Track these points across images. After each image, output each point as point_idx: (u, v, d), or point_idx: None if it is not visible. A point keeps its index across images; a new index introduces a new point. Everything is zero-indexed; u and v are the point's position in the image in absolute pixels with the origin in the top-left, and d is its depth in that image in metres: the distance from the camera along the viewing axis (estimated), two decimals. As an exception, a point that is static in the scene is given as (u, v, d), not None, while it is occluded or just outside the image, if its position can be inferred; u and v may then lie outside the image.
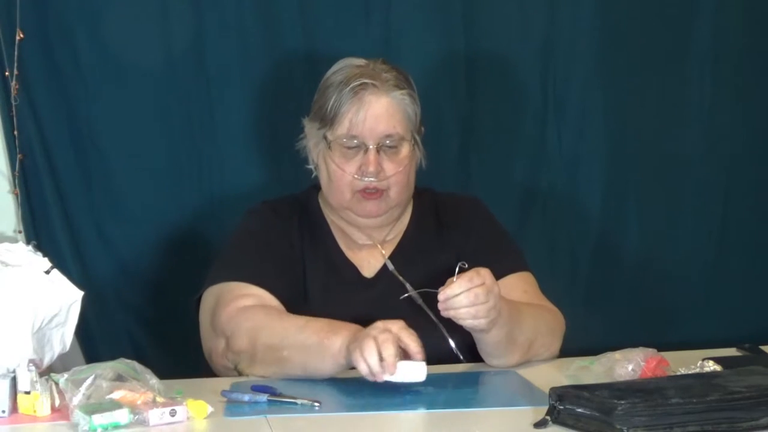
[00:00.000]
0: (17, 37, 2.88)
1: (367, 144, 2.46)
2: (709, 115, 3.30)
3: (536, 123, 3.23)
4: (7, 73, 2.89)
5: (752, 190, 3.35)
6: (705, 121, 3.30)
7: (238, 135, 3.06)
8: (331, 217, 2.59)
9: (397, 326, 2.19)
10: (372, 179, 2.47)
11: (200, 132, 3.05)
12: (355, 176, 2.47)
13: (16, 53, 2.88)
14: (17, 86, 2.90)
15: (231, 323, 2.39)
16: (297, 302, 2.45)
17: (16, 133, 2.91)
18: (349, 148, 2.47)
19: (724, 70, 3.29)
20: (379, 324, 2.19)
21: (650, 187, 3.29)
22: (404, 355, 2.19)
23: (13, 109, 2.90)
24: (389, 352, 2.14)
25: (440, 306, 2.22)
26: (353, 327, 2.26)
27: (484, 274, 2.23)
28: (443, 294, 2.21)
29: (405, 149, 2.49)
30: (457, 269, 2.23)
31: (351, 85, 2.46)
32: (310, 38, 3.07)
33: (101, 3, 2.97)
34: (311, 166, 2.57)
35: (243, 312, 2.39)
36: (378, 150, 2.46)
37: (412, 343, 2.17)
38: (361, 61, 2.52)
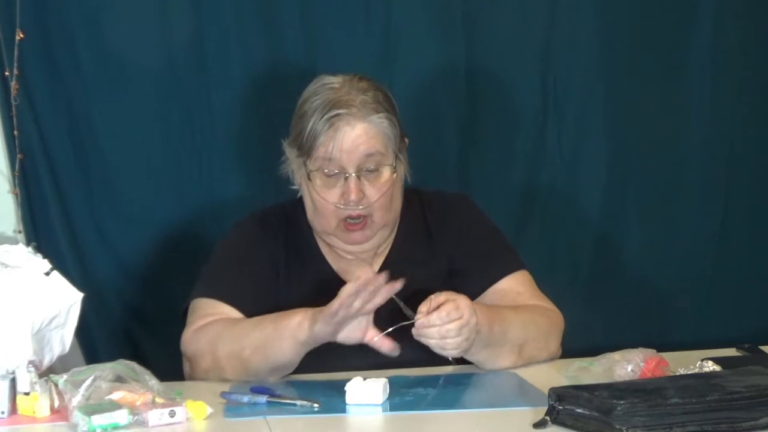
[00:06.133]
0: (17, 37, 2.88)
1: (347, 171, 2.42)
2: (709, 115, 3.30)
3: (536, 123, 3.23)
4: (7, 73, 2.89)
5: (752, 190, 3.35)
6: (705, 121, 3.30)
7: (238, 135, 3.06)
8: (319, 232, 2.57)
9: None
10: (354, 207, 2.44)
11: (200, 132, 3.05)
12: (338, 205, 2.44)
13: (16, 53, 2.89)
14: (17, 86, 2.90)
15: (191, 345, 2.41)
16: None
17: (16, 133, 2.92)
18: (329, 176, 2.44)
19: (724, 70, 3.29)
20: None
21: (650, 187, 3.29)
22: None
23: (13, 109, 2.90)
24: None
25: (413, 332, 2.24)
26: (306, 309, 2.29)
27: (463, 307, 2.23)
28: (419, 323, 2.23)
29: (386, 173, 2.45)
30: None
31: (326, 116, 2.40)
32: (310, 43, 3.06)
33: (101, 3, 2.97)
34: (296, 187, 2.54)
35: (198, 331, 2.41)
36: (359, 176, 2.42)
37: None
38: (337, 81, 2.45)
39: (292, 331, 2.27)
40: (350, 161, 2.41)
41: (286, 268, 2.53)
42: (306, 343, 2.28)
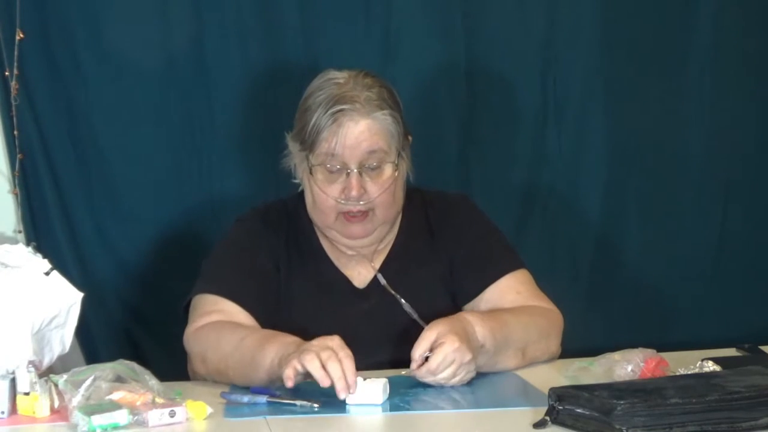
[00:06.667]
0: (17, 37, 2.88)
1: (349, 166, 2.41)
2: (709, 116, 3.29)
3: (536, 124, 3.22)
4: (7, 73, 2.90)
5: (752, 191, 3.35)
6: (705, 122, 3.29)
7: (238, 135, 3.06)
8: (319, 227, 2.56)
9: (336, 343, 2.16)
10: (355, 203, 2.43)
11: (200, 132, 3.05)
12: (339, 200, 2.43)
13: (16, 53, 2.89)
14: (17, 86, 2.90)
15: (189, 344, 2.42)
16: (278, 318, 2.43)
17: (16, 133, 2.92)
18: (332, 171, 2.43)
19: (724, 70, 3.29)
20: (316, 341, 2.17)
21: (650, 187, 3.29)
22: None
23: (13, 109, 2.90)
24: (337, 373, 2.11)
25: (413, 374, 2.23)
26: (285, 339, 2.26)
27: (450, 353, 2.19)
28: (412, 374, 2.23)
29: (388, 170, 2.45)
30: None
31: (329, 111, 2.40)
32: (310, 43, 3.06)
33: (101, 3, 2.97)
34: (297, 181, 2.54)
35: (198, 333, 2.41)
36: (360, 172, 2.42)
37: (349, 367, 2.13)
38: (342, 77, 2.45)
39: (266, 368, 2.25)
40: (352, 157, 2.41)
41: (287, 263, 2.53)
42: (270, 373, 2.25)
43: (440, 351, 2.20)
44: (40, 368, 2.19)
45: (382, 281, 2.48)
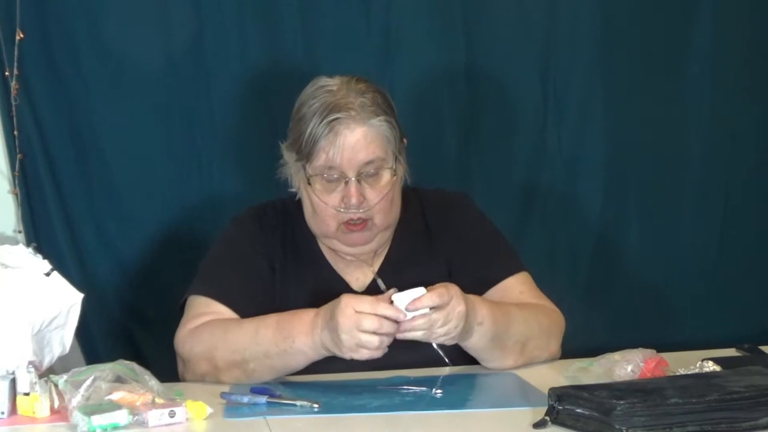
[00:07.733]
0: (17, 37, 2.88)
1: (347, 175, 2.40)
2: (709, 115, 3.30)
3: (536, 123, 3.23)
4: (7, 73, 2.90)
5: (752, 191, 3.35)
6: (705, 122, 3.30)
7: (238, 135, 3.06)
8: (317, 235, 2.55)
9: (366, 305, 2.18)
10: (355, 211, 2.42)
11: (200, 132, 3.05)
12: (339, 209, 2.42)
13: (16, 53, 2.89)
14: (17, 86, 2.90)
15: (185, 346, 2.40)
16: None
17: (16, 133, 2.92)
18: (330, 181, 2.42)
19: (724, 70, 3.29)
20: (341, 319, 2.17)
21: (650, 187, 3.29)
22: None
23: (13, 109, 2.90)
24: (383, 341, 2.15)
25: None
26: (306, 318, 2.26)
27: (451, 291, 2.22)
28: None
29: (386, 176, 2.43)
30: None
31: (325, 120, 2.37)
32: (310, 43, 3.06)
33: (101, 3, 2.98)
34: (294, 189, 2.52)
35: (193, 333, 2.39)
36: (359, 180, 2.40)
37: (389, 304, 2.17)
38: (334, 83, 2.42)
39: (305, 354, 2.26)
40: (350, 166, 2.40)
41: (282, 264, 2.52)
42: (318, 358, 2.27)
43: (450, 290, 2.22)
44: (40, 369, 2.19)
45: (382, 286, 2.48)
